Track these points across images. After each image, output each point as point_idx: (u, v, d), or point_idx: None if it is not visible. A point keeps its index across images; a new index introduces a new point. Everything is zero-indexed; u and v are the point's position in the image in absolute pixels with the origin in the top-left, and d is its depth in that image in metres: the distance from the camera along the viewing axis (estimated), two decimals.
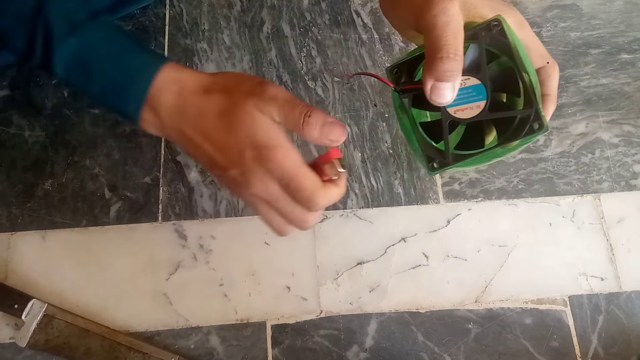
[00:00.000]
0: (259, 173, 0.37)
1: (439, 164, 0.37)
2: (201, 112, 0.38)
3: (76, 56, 0.38)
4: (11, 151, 0.58)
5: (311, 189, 0.37)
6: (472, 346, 0.54)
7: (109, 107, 0.41)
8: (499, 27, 0.35)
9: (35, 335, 0.51)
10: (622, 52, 0.66)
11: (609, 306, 0.56)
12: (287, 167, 0.36)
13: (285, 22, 0.65)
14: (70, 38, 0.38)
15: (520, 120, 0.35)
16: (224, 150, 0.38)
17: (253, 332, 0.53)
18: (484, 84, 0.35)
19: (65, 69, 0.39)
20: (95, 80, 0.39)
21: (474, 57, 0.36)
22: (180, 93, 0.39)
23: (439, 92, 0.34)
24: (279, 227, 0.40)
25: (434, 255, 0.57)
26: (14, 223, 0.55)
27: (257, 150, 0.36)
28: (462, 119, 0.36)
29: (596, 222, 0.59)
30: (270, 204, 0.38)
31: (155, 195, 0.57)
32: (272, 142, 0.37)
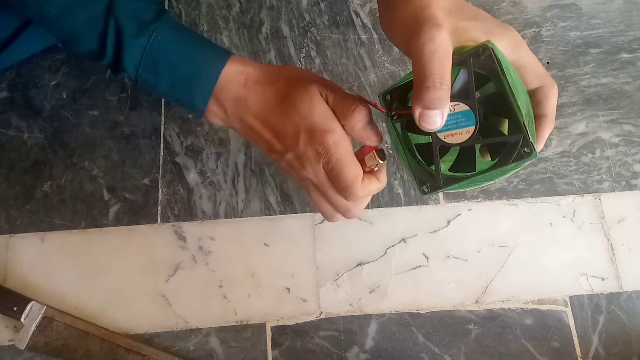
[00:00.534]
0: (310, 158, 0.39)
1: (430, 187, 0.38)
2: (263, 99, 0.41)
3: (146, 55, 0.40)
4: (10, 153, 0.58)
5: (351, 178, 0.38)
6: (472, 347, 0.54)
7: (176, 102, 0.44)
8: (487, 53, 0.35)
9: (35, 337, 0.51)
10: (622, 52, 0.66)
11: (610, 306, 0.56)
12: (335, 152, 0.38)
13: (284, 23, 0.65)
14: (140, 38, 0.40)
15: (510, 144, 0.36)
16: (281, 134, 0.40)
17: (253, 333, 0.53)
18: (473, 110, 0.36)
19: (135, 68, 0.41)
20: (164, 78, 0.41)
21: (463, 83, 0.36)
22: (245, 84, 0.41)
23: (427, 119, 0.34)
24: (326, 212, 0.43)
25: (434, 256, 0.57)
26: (13, 225, 0.55)
27: (311, 133, 0.39)
28: (451, 144, 0.36)
29: (597, 222, 0.59)
30: (319, 188, 0.41)
31: (154, 197, 0.57)
32: (327, 126, 0.39)
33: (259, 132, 0.41)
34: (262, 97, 0.41)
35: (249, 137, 0.43)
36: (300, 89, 0.40)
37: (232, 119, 0.42)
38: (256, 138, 0.42)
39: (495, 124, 0.37)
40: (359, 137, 0.40)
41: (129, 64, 0.41)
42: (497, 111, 0.37)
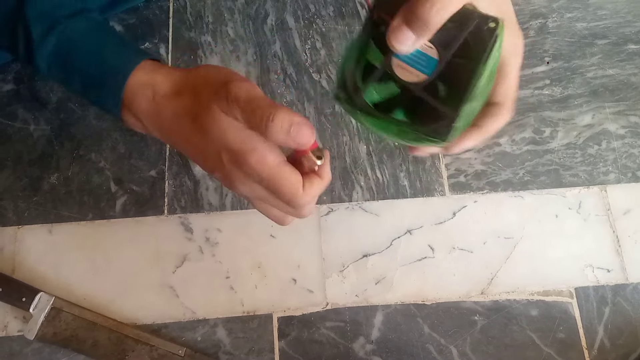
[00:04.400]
0: (240, 176, 0.36)
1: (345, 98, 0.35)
2: (176, 116, 0.37)
3: (56, 53, 0.38)
4: (17, 145, 0.58)
5: (290, 192, 0.35)
6: (478, 338, 0.54)
7: (94, 104, 0.41)
8: (492, 28, 0.33)
9: (43, 328, 0.51)
10: (629, 43, 0.65)
11: (615, 298, 0.56)
12: (263, 171, 0.35)
13: (290, 14, 0.64)
14: (50, 37, 0.38)
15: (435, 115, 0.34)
16: (204, 154, 0.37)
17: (259, 324, 0.53)
18: (438, 64, 0.34)
19: (48, 66, 0.39)
20: (75, 77, 0.39)
21: (450, 36, 0.34)
22: (153, 98, 0.38)
23: (399, 37, 0.32)
24: (276, 219, 0.40)
25: (440, 248, 0.57)
26: (21, 217, 0.56)
27: (231, 155, 0.35)
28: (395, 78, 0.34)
29: (602, 214, 0.59)
30: (261, 200, 0.38)
31: (161, 189, 0.57)
32: (244, 146, 0.35)
33: (182, 147, 0.38)
34: (174, 115, 0.37)
35: (177, 148, 0.40)
36: (205, 109, 0.35)
37: (150, 130, 0.39)
38: (183, 151, 0.39)
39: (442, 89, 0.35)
40: (290, 146, 0.35)
41: (41, 61, 0.39)
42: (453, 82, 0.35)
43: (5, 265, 0.54)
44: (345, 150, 0.60)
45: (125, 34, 0.62)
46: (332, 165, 0.59)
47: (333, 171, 0.58)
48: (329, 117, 0.61)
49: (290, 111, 0.34)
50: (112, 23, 0.62)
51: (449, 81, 0.35)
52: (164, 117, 0.38)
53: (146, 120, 0.38)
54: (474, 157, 0.60)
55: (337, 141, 0.60)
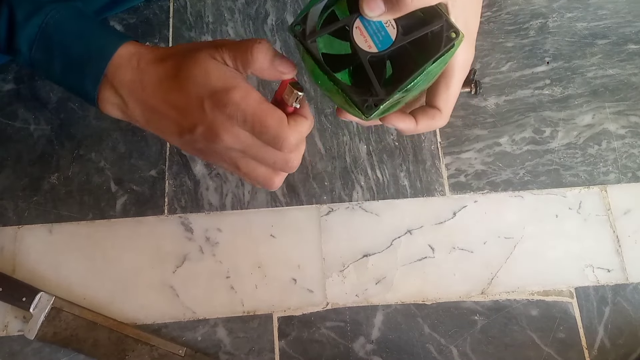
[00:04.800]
0: (223, 122, 0.36)
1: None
2: (158, 78, 0.38)
3: (41, 33, 0.39)
4: (17, 145, 0.58)
5: (276, 125, 0.36)
6: (478, 338, 0.54)
7: (69, 88, 0.41)
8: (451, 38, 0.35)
9: (44, 327, 0.51)
10: (629, 43, 0.66)
11: (616, 298, 0.56)
12: (247, 107, 0.35)
13: (290, 14, 0.64)
14: (35, 17, 0.38)
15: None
16: (186, 109, 0.37)
17: (260, 324, 0.53)
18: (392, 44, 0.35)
19: (29, 47, 0.39)
20: (56, 58, 0.39)
21: (414, 25, 0.35)
22: (137, 66, 0.39)
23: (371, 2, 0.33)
24: (265, 178, 0.40)
25: (440, 248, 0.57)
26: (21, 216, 0.56)
27: (214, 97, 0.36)
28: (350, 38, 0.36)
29: (603, 214, 0.59)
30: (246, 152, 0.38)
31: (161, 188, 0.57)
32: (228, 83, 0.36)
33: (163, 112, 0.38)
34: (156, 76, 0.38)
35: (154, 125, 0.40)
36: (190, 59, 0.37)
37: (130, 106, 0.39)
38: (162, 123, 0.39)
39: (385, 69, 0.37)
40: (273, 75, 0.37)
41: (23, 43, 0.39)
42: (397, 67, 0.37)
43: (6, 265, 0.54)
44: (345, 150, 0.60)
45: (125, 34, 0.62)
46: (332, 165, 0.59)
47: (333, 171, 0.58)
48: (329, 116, 0.61)
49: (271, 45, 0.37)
50: (112, 23, 0.62)
51: (394, 64, 0.37)
52: (147, 81, 0.38)
53: (129, 90, 0.38)
54: (474, 157, 0.60)
55: (338, 141, 0.60)
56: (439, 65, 0.36)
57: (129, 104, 0.39)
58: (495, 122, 0.62)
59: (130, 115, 0.40)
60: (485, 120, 0.62)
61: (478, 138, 0.61)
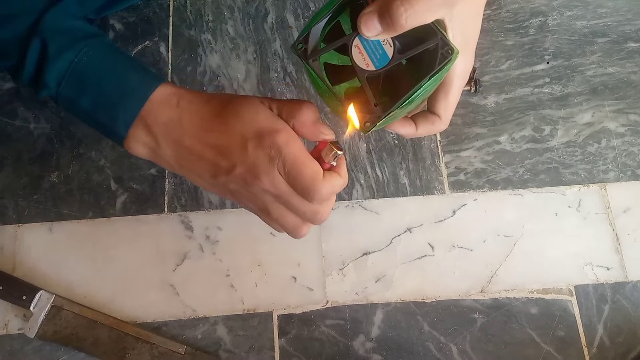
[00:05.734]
0: (264, 163, 0.36)
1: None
2: (200, 117, 0.38)
3: (72, 69, 0.38)
4: (17, 143, 0.58)
5: (311, 176, 0.36)
6: (477, 336, 0.54)
7: (97, 125, 0.40)
8: (447, 55, 0.35)
9: (44, 326, 0.51)
10: (629, 41, 0.66)
11: (615, 295, 0.56)
12: (289, 152, 0.36)
13: (290, 12, 0.64)
14: (68, 52, 0.38)
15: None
16: (226, 149, 0.37)
17: (260, 322, 0.54)
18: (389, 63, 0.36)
19: (58, 83, 0.38)
20: (87, 95, 0.38)
21: (409, 43, 0.36)
22: (177, 105, 0.38)
23: (368, 22, 0.34)
24: (293, 225, 0.40)
25: (440, 246, 0.57)
26: (21, 215, 0.56)
27: (259, 137, 0.36)
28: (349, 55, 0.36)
29: (602, 212, 0.59)
30: (279, 199, 0.38)
31: (161, 187, 0.57)
32: (275, 126, 0.37)
33: (199, 153, 0.38)
34: (198, 115, 0.38)
35: (187, 166, 0.39)
36: (239, 98, 0.38)
37: (163, 146, 0.38)
38: (196, 164, 0.38)
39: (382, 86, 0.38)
40: (312, 133, 0.38)
41: (51, 78, 0.38)
42: (393, 84, 0.38)
43: (6, 264, 0.54)
44: (345, 149, 0.60)
45: (125, 32, 0.62)
46: None
47: None
48: (328, 115, 0.61)
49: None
50: (112, 21, 0.63)
51: (391, 82, 0.38)
52: (186, 119, 0.38)
53: (164, 129, 0.38)
54: (473, 156, 0.60)
55: (337, 139, 0.60)
56: (435, 82, 0.37)
57: (162, 144, 0.38)
58: (495, 120, 0.62)
59: (160, 156, 0.39)
60: (485, 118, 0.62)
61: (478, 136, 0.61)
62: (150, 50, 0.62)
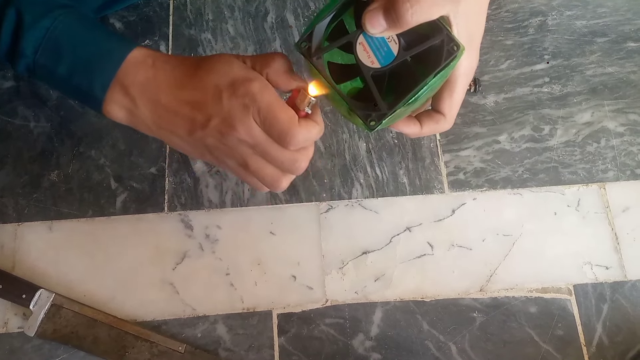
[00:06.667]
0: (239, 112, 0.36)
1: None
2: (175, 74, 0.38)
3: (48, 36, 0.38)
4: (17, 142, 0.58)
5: (286, 120, 0.36)
6: (477, 334, 0.54)
7: (74, 91, 0.40)
8: (452, 50, 0.35)
9: (44, 324, 0.51)
10: (629, 41, 0.66)
11: (614, 295, 0.56)
12: (263, 99, 0.36)
13: (290, 12, 0.65)
14: (44, 20, 0.38)
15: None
16: (202, 103, 0.37)
17: (259, 321, 0.54)
18: (394, 60, 0.36)
19: (35, 50, 0.38)
20: (64, 61, 0.39)
21: (415, 40, 0.36)
22: (153, 65, 0.39)
23: (373, 19, 0.34)
24: (273, 177, 0.40)
25: (439, 245, 0.57)
26: (21, 214, 0.56)
27: (233, 87, 0.36)
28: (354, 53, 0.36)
29: (601, 211, 0.59)
30: (256, 148, 0.38)
31: (161, 186, 0.57)
32: (248, 75, 0.37)
33: (176, 109, 0.38)
34: (174, 73, 0.38)
35: (164, 125, 0.39)
36: (214, 55, 0.39)
37: (140, 106, 0.39)
38: (173, 121, 0.38)
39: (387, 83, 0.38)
40: (285, 81, 0.38)
41: (28, 46, 0.38)
42: (399, 81, 0.37)
43: (6, 262, 0.54)
44: (344, 148, 0.60)
45: (125, 32, 0.62)
46: (332, 162, 0.59)
47: (332, 168, 0.58)
48: (328, 114, 0.61)
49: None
50: (112, 20, 0.63)
51: (396, 79, 0.38)
52: (162, 77, 0.38)
53: (141, 89, 0.38)
54: (473, 155, 0.60)
55: (337, 139, 0.60)
56: (440, 78, 0.37)
57: (139, 104, 0.39)
58: (495, 119, 0.62)
59: (137, 116, 0.39)
60: (484, 118, 0.62)
61: (477, 136, 0.61)
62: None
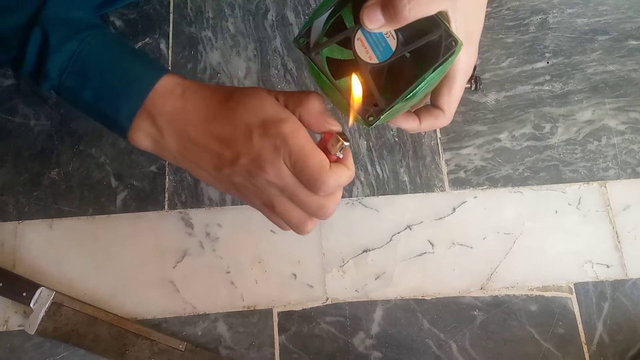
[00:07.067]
0: (269, 153, 0.35)
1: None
2: (205, 106, 0.37)
3: (74, 59, 0.37)
4: (17, 140, 0.58)
5: (317, 166, 0.35)
6: (477, 333, 0.54)
7: (100, 116, 0.39)
8: (451, 46, 0.35)
9: (44, 322, 0.51)
10: (630, 39, 0.65)
11: (615, 293, 0.56)
12: (294, 142, 0.35)
13: (290, 10, 0.64)
14: (70, 42, 0.37)
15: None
16: (231, 139, 0.36)
17: (260, 319, 0.54)
18: (392, 55, 0.36)
19: (60, 74, 0.37)
20: (90, 85, 0.38)
21: (413, 35, 0.36)
22: (182, 94, 0.38)
23: (371, 14, 0.34)
24: (299, 220, 0.39)
25: (440, 243, 0.57)
26: (21, 212, 0.56)
27: (264, 127, 0.35)
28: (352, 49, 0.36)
29: (602, 210, 0.59)
30: (284, 191, 0.37)
31: (161, 184, 0.57)
32: (280, 115, 0.36)
33: (204, 144, 0.37)
34: (203, 105, 0.37)
35: (191, 158, 0.38)
36: (245, 89, 0.38)
37: (167, 136, 0.37)
38: (200, 155, 0.37)
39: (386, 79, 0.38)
40: (318, 123, 0.37)
41: (53, 69, 0.37)
42: (397, 77, 0.37)
43: (6, 260, 0.54)
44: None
45: (125, 29, 0.62)
46: None
47: None
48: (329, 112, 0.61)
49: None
50: (112, 18, 0.62)
51: (395, 75, 0.38)
52: (192, 109, 0.37)
53: (169, 119, 0.37)
54: (473, 153, 0.60)
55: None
56: (439, 74, 0.37)
57: (166, 134, 0.38)
58: (495, 118, 0.62)
59: (163, 147, 0.38)
60: (485, 116, 0.62)
61: (478, 134, 0.61)
62: (150, 47, 0.62)
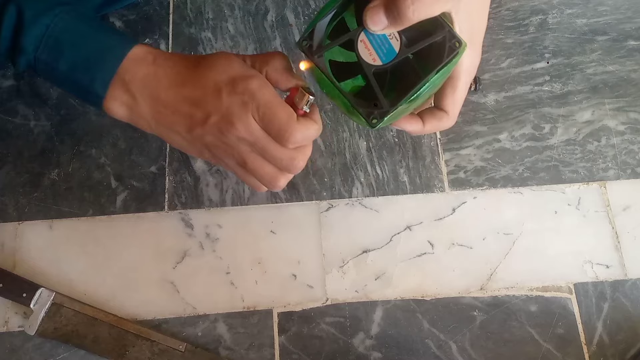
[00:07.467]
0: (238, 109, 0.37)
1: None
2: (176, 71, 0.39)
3: (49, 32, 0.38)
4: (17, 141, 0.58)
5: (285, 118, 0.37)
6: (477, 333, 0.54)
7: (74, 87, 0.40)
8: (455, 47, 0.35)
9: (44, 323, 0.51)
10: (629, 39, 0.66)
11: (614, 293, 0.56)
12: (261, 96, 0.37)
13: (290, 10, 0.64)
14: (43, 17, 0.38)
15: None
16: (201, 100, 0.38)
17: (260, 319, 0.54)
18: (396, 57, 0.36)
19: (36, 47, 0.38)
20: (65, 58, 0.39)
21: (416, 37, 0.36)
22: (154, 61, 0.39)
23: (374, 15, 0.34)
24: (271, 176, 0.40)
25: (440, 243, 0.57)
26: (21, 212, 0.56)
27: (232, 84, 0.37)
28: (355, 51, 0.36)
29: (602, 210, 0.59)
30: (255, 146, 0.38)
31: (161, 185, 0.57)
32: (248, 72, 0.38)
33: (175, 107, 0.38)
34: (174, 70, 0.39)
35: (163, 122, 0.39)
36: (214, 53, 0.40)
37: (140, 102, 0.39)
38: (172, 118, 0.39)
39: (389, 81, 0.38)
40: (284, 79, 0.39)
41: (29, 43, 0.38)
42: (401, 79, 0.37)
43: (6, 261, 0.54)
44: (345, 147, 0.60)
45: (125, 30, 0.62)
46: (332, 161, 0.59)
47: (333, 167, 0.58)
48: (328, 113, 0.61)
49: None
50: (112, 19, 0.62)
51: (398, 76, 0.38)
52: (162, 74, 0.39)
53: (141, 85, 0.39)
54: (473, 154, 0.60)
55: (337, 137, 0.60)
56: (442, 75, 0.37)
57: (139, 100, 0.39)
58: (495, 118, 0.62)
59: (137, 113, 0.40)
60: (484, 116, 0.62)
61: (477, 134, 0.61)
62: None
